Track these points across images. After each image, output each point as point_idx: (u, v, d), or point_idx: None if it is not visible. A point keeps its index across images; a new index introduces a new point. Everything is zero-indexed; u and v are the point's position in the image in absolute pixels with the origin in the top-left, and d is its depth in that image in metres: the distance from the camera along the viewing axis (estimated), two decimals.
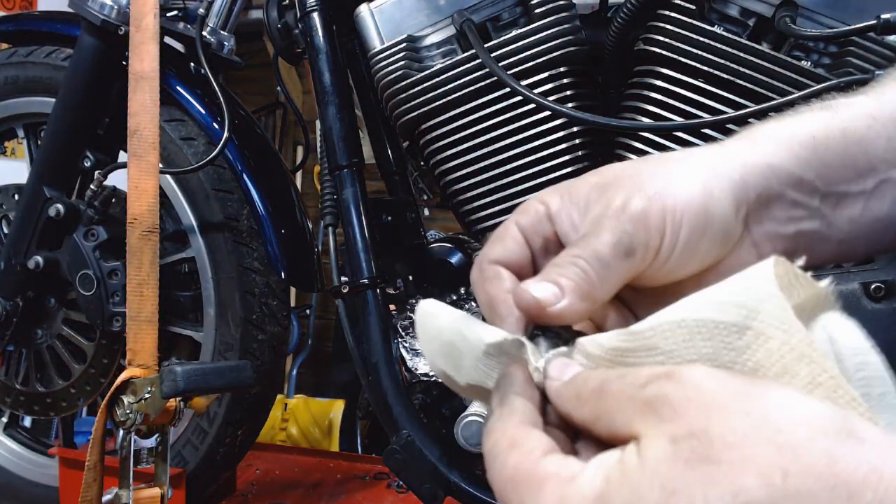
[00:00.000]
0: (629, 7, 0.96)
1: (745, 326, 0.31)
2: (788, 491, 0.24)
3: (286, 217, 1.31)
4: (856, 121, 0.40)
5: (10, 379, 1.40)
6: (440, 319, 0.39)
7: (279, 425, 2.94)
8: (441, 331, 0.39)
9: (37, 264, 1.30)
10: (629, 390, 0.29)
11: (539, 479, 0.30)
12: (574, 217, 0.40)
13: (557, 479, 0.29)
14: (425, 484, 1.03)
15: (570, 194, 0.41)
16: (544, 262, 0.41)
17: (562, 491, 0.29)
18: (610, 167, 0.41)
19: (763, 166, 0.39)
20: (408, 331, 1.13)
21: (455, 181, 1.05)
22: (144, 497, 1.05)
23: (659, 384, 0.29)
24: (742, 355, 0.30)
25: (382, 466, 1.60)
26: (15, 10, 3.15)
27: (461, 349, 0.38)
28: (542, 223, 0.41)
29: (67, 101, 1.29)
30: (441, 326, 0.39)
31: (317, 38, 1.13)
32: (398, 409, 1.06)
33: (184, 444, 1.33)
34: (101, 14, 1.22)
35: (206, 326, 1.30)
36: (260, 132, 1.42)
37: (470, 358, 0.37)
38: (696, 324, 0.32)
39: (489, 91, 1.00)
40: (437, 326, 0.39)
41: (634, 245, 0.37)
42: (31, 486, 1.45)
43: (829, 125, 0.40)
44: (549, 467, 0.30)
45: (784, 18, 0.91)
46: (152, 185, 1.13)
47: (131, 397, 1.03)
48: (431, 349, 0.39)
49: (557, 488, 0.29)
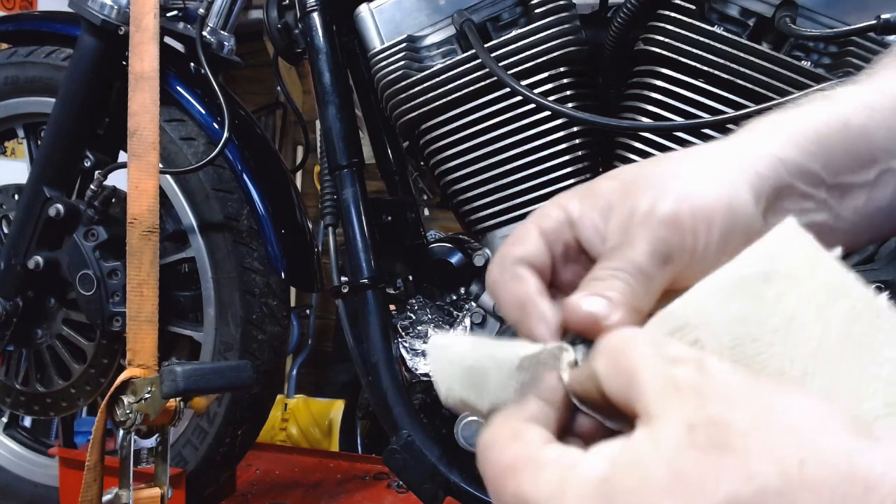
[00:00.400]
0: (629, 7, 0.96)
1: (771, 273, 0.30)
2: (805, 480, 0.24)
3: (286, 217, 1.31)
4: (856, 112, 0.40)
5: (10, 379, 1.40)
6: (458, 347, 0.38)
7: (279, 425, 2.94)
8: (462, 356, 0.38)
9: (37, 264, 1.30)
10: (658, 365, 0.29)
11: (539, 464, 0.29)
12: (597, 222, 0.39)
13: (558, 464, 0.28)
14: (425, 484, 1.03)
15: (589, 198, 0.40)
16: (564, 268, 0.40)
17: (562, 475, 0.28)
18: (625, 168, 0.41)
19: (772, 158, 0.39)
20: (408, 331, 1.13)
21: (455, 181, 1.05)
22: (144, 497, 1.05)
23: (688, 368, 0.28)
24: (775, 306, 0.29)
25: (382, 466, 1.60)
26: (15, 10, 3.15)
27: (486, 369, 0.37)
28: (562, 229, 0.40)
29: (67, 101, 1.29)
30: (461, 352, 0.38)
31: (317, 38, 1.13)
32: (398, 409, 1.06)
33: (184, 444, 1.33)
34: (101, 14, 1.22)
35: (206, 326, 1.30)
36: (260, 132, 1.42)
37: (497, 377, 0.36)
38: (723, 285, 0.31)
39: (489, 91, 1.00)
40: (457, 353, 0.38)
41: (671, 251, 0.36)
42: (31, 486, 1.45)
43: (831, 117, 0.40)
44: (549, 454, 0.29)
45: (784, 18, 0.91)
46: (152, 185, 1.13)
47: (131, 397, 1.03)
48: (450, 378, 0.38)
49: (557, 472, 0.28)
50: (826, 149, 0.40)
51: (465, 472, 1.03)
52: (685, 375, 0.28)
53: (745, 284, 0.30)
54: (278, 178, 1.36)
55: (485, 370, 0.37)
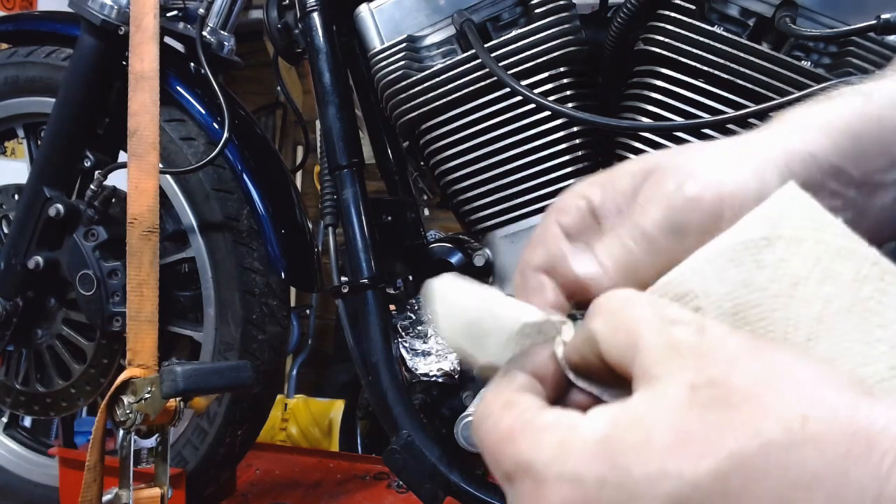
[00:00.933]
0: (629, 7, 0.96)
1: (774, 237, 0.29)
2: (808, 435, 0.24)
3: (286, 217, 1.31)
4: (890, 108, 0.39)
5: (10, 379, 1.40)
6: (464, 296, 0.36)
7: (279, 425, 2.94)
8: (466, 308, 0.36)
9: (37, 264, 1.30)
10: (659, 328, 0.28)
11: (537, 428, 0.28)
12: (621, 207, 0.38)
13: (557, 426, 0.28)
14: (425, 484, 1.03)
15: (611, 183, 0.39)
16: None
17: (563, 436, 0.28)
18: (649, 155, 0.40)
19: (805, 155, 0.38)
20: (408, 331, 1.13)
21: (455, 181, 1.05)
22: (144, 497, 1.04)
23: (688, 330, 0.28)
24: (777, 271, 0.29)
25: (382, 466, 1.60)
26: (15, 10, 3.15)
27: (489, 327, 0.36)
28: (584, 219, 0.38)
29: (67, 101, 1.29)
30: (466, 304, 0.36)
31: (317, 38, 1.13)
32: (398, 409, 1.06)
33: (184, 444, 1.33)
34: (101, 14, 1.22)
35: (206, 326, 1.30)
36: (260, 132, 1.42)
37: (498, 336, 0.36)
38: (723, 251, 0.30)
39: (489, 91, 1.00)
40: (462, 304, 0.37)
41: (684, 224, 0.35)
42: (31, 486, 1.45)
43: (864, 112, 0.39)
44: (547, 417, 0.29)
45: (784, 18, 0.91)
46: (152, 185, 1.13)
47: (131, 397, 1.03)
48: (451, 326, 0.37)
49: (558, 434, 0.28)
50: (859, 146, 0.39)
51: (465, 472, 1.03)
52: (685, 337, 0.28)
53: (747, 250, 0.30)
54: (278, 178, 1.36)
55: (486, 328, 0.36)
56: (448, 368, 1.10)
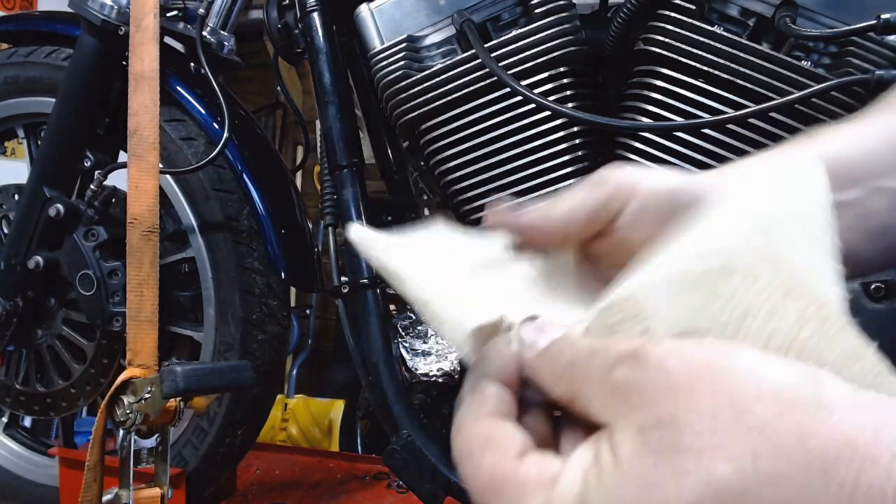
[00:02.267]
0: (629, 7, 0.96)
1: (731, 269, 0.30)
2: (761, 474, 0.24)
3: (286, 217, 1.31)
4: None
5: (10, 379, 1.40)
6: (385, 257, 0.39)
7: (279, 425, 2.94)
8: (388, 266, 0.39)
9: (37, 264, 1.30)
10: (598, 374, 0.29)
11: (519, 483, 0.29)
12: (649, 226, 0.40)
13: (539, 484, 0.29)
14: (425, 484, 1.03)
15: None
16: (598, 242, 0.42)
17: (546, 494, 0.28)
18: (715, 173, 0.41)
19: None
20: (408, 331, 1.13)
21: (455, 181, 1.05)
22: (144, 497, 1.04)
23: (626, 368, 0.28)
24: (730, 302, 0.29)
25: (382, 466, 1.60)
26: (15, 10, 3.15)
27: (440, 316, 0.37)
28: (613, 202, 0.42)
29: (67, 101, 1.29)
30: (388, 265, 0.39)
31: (317, 38, 1.13)
32: (398, 409, 1.06)
33: (184, 444, 1.33)
34: (101, 14, 1.22)
35: (206, 326, 1.30)
36: (260, 132, 1.42)
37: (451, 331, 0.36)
38: (680, 276, 0.31)
39: (489, 91, 1.00)
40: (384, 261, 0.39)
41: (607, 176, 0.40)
42: (31, 486, 1.45)
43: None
44: (529, 472, 0.29)
45: (784, 18, 0.91)
46: (152, 185, 1.13)
47: (131, 397, 1.03)
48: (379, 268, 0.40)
49: (541, 493, 0.28)
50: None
51: None
52: (626, 377, 0.28)
53: (705, 278, 0.30)
54: (278, 178, 1.36)
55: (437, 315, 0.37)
56: (448, 368, 1.10)
